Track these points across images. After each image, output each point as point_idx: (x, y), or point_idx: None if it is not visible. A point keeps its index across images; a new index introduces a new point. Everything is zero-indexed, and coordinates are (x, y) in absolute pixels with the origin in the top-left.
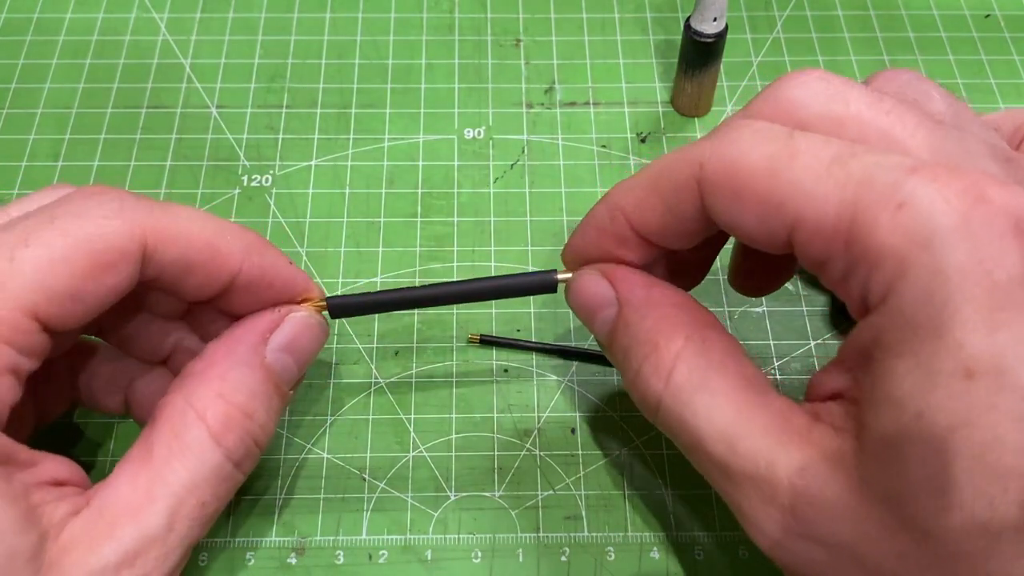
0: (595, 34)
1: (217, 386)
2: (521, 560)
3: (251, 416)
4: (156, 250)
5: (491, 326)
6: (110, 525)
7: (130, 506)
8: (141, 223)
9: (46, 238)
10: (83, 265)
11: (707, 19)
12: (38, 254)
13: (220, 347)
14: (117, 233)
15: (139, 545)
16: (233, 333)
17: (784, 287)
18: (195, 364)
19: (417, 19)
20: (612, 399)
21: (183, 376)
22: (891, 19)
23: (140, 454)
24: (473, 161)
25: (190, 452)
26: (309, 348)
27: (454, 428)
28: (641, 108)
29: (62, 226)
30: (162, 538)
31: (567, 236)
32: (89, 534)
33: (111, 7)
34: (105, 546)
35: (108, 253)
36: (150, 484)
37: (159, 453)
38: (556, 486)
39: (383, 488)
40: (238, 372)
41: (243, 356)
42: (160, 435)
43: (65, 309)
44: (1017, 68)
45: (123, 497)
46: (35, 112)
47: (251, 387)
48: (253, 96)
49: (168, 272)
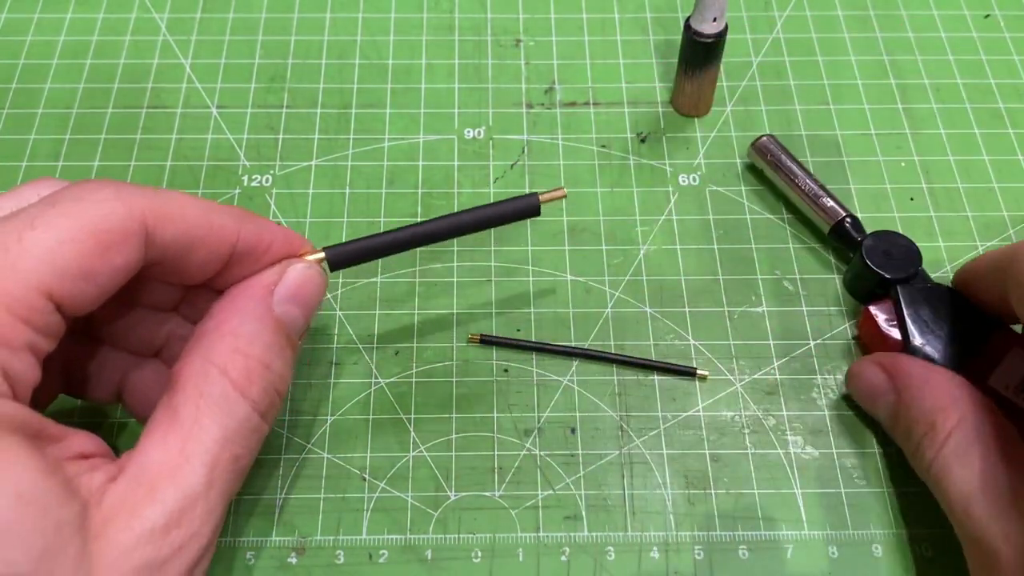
0: (595, 34)
1: (232, 342)
2: (521, 560)
3: (270, 367)
4: (156, 230)
5: (491, 326)
6: (150, 489)
7: (166, 468)
8: (139, 205)
9: (52, 221)
10: (90, 245)
11: (707, 19)
12: (46, 236)
13: (227, 305)
14: (118, 214)
15: (182, 504)
16: (238, 291)
17: (784, 287)
18: (205, 324)
19: (417, 19)
20: (612, 399)
21: (196, 338)
22: (891, 19)
23: (165, 418)
24: (473, 161)
25: (218, 408)
26: (313, 297)
27: (454, 428)
28: (641, 108)
29: (65, 210)
30: (203, 495)
31: (567, 236)
32: (130, 499)
33: (111, 7)
34: (149, 509)
35: (112, 233)
36: (183, 444)
37: (186, 413)
38: (556, 486)
39: (383, 488)
40: (250, 326)
41: (253, 310)
42: (184, 396)
43: (77, 289)
44: (1017, 68)
45: (157, 460)
46: (35, 112)
47: (265, 339)
48: (253, 96)
49: (171, 251)
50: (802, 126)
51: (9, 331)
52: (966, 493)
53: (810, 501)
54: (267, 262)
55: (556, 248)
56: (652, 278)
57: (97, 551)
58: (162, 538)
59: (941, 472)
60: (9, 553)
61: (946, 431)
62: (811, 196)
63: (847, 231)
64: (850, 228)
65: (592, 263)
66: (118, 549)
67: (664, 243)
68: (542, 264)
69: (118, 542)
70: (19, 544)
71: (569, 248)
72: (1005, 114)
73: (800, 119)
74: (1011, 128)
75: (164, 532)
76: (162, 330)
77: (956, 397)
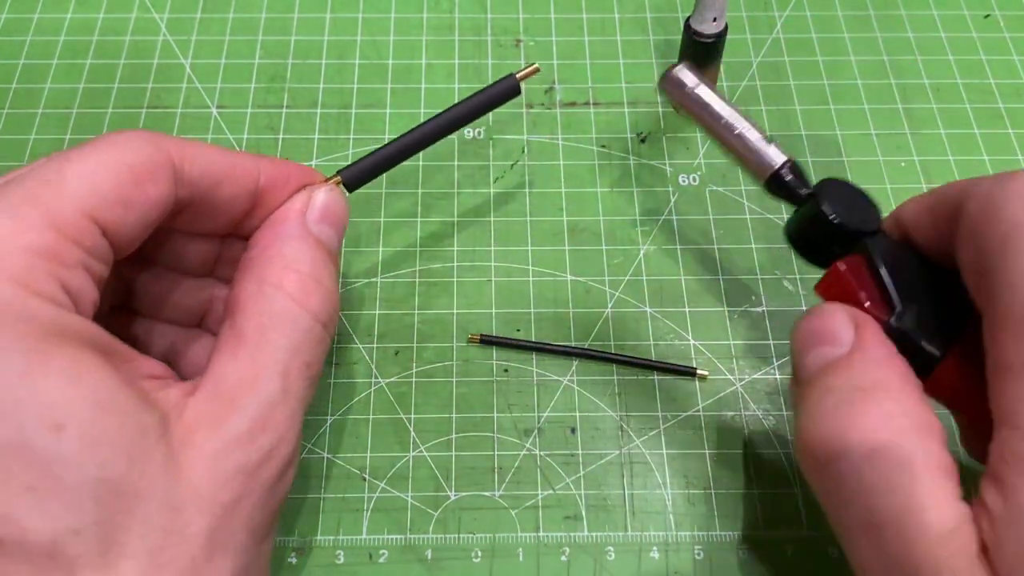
0: (595, 34)
1: (281, 261)
2: (521, 560)
3: (321, 281)
4: (184, 165)
5: (491, 326)
6: (229, 400)
7: (242, 381)
8: (165, 144)
9: (87, 156)
10: (126, 175)
11: (707, 19)
12: (83, 167)
13: (267, 233)
14: (147, 150)
15: (263, 411)
16: (274, 220)
17: (784, 287)
18: (249, 253)
19: (417, 19)
20: (612, 399)
21: (243, 267)
22: (891, 19)
23: (230, 340)
24: (473, 161)
25: (281, 321)
26: (341, 217)
27: (454, 428)
28: (641, 108)
29: (97, 147)
30: (281, 401)
31: (567, 236)
32: (211, 411)
33: (111, 7)
34: (232, 417)
35: (145, 166)
36: (253, 358)
37: (251, 331)
38: (556, 486)
39: (383, 488)
40: (294, 246)
41: (294, 233)
42: (246, 317)
43: (117, 215)
44: (1017, 68)
45: (231, 375)
46: (35, 112)
47: (311, 256)
48: (253, 96)
49: (200, 188)
50: (802, 126)
51: (63, 249)
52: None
53: (810, 501)
54: (289, 195)
55: (556, 248)
56: (652, 278)
57: (184, 459)
58: (249, 443)
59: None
60: (101, 455)
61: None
62: (744, 140)
63: (787, 182)
64: (792, 177)
65: (592, 263)
66: (208, 456)
67: (664, 243)
68: (542, 264)
69: (206, 449)
70: (108, 447)
71: (569, 248)
72: (1005, 114)
73: (800, 119)
74: (1011, 128)
75: (250, 438)
76: (202, 295)
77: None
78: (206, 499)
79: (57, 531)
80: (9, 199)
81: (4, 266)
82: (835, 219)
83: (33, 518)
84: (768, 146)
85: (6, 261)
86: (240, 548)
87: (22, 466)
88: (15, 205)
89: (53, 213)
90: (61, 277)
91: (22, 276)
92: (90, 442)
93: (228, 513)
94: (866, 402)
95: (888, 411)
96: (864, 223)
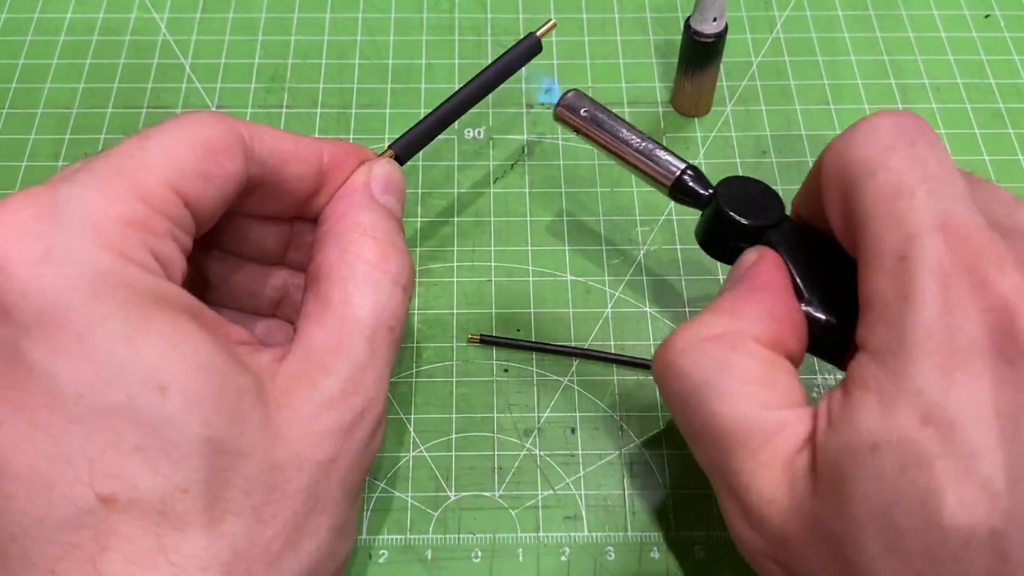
0: (595, 34)
1: (358, 229)
2: (521, 560)
3: (396, 245)
4: (253, 143)
5: (491, 326)
6: (320, 364)
7: (331, 345)
8: (234, 123)
9: (164, 133)
10: (202, 150)
11: (707, 19)
12: (163, 142)
13: (338, 205)
14: (219, 128)
15: (354, 373)
16: (343, 193)
17: None
18: (324, 226)
19: (417, 19)
20: (612, 399)
21: (321, 239)
22: (891, 19)
23: (317, 307)
24: (473, 161)
25: (364, 286)
26: (401, 187)
27: (454, 428)
28: (641, 108)
29: (171, 127)
30: (370, 364)
31: (567, 236)
32: (304, 374)
33: (111, 7)
34: (324, 380)
35: (220, 141)
36: (341, 324)
37: (336, 297)
38: (556, 486)
39: (383, 488)
40: (368, 215)
41: (365, 203)
42: (330, 284)
43: (198, 188)
44: (1017, 68)
45: (320, 340)
46: (35, 112)
47: (384, 224)
48: (253, 96)
49: (269, 166)
50: (802, 126)
51: (152, 219)
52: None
53: None
54: (350, 172)
55: (556, 248)
56: (652, 278)
57: (281, 420)
58: (342, 404)
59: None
60: (204, 414)
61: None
62: (644, 153)
63: (690, 186)
64: (693, 181)
65: (592, 263)
66: (303, 416)
67: (664, 243)
68: (542, 264)
69: (301, 411)
70: (210, 407)
71: (569, 248)
72: (1005, 114)
73: (800, 119)
74: (1011, 128)
75: (343, 399)
76: (275, 282)
77: (777, 298)
78: (304, 458)
79: (167, 488)
80: (98, 172)
81: (101, 236)
82: (736, 218)
83: (144, 476)
84: (668, 155)
85: (102, 231)
86: (336, 505)
87: (130, 427)
88: (105, 177)
89: (140, 185)
90: (152, 246)
91: (118, 245)
92: (193, 402)
93: (325, 471)
94: (702, 321)
95: (709, 330)
96: (765, 216)
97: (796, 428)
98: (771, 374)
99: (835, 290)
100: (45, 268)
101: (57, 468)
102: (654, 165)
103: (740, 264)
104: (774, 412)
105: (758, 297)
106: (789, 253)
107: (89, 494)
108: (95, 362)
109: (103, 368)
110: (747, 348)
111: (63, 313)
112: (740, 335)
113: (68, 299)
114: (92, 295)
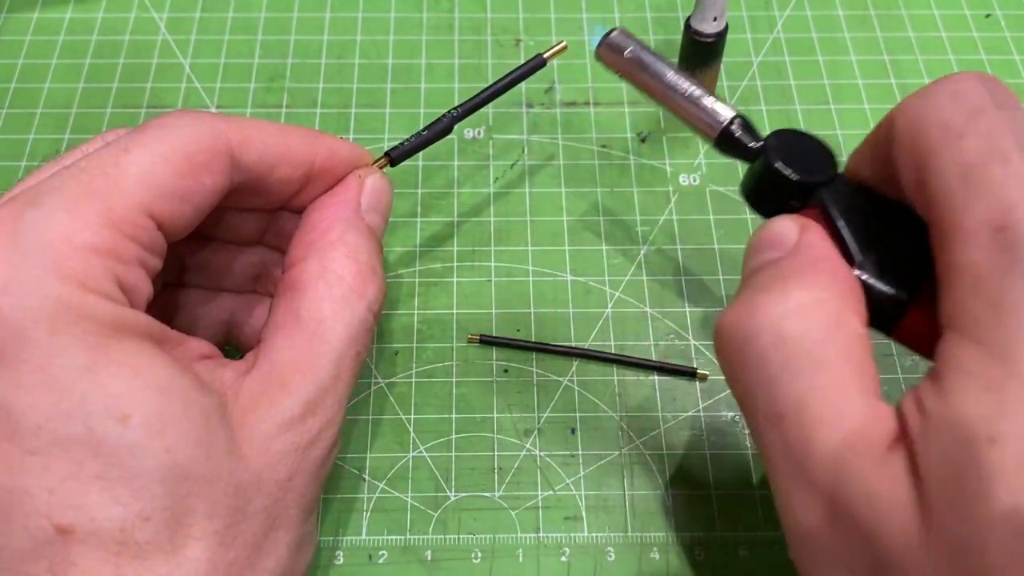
0: (595, 34)
1: (343, 249)
2: (521, 560)
3: (375, 270)
4: (240, 151)
5: (491, 326)
6: (283, 382)
7: (297, 364)
8: (222, 128)
9: (145, 145)
10: (183, 166)
11: (707, 19)
12: (141, 158)
13: (325, 215)
14: (205, 137)
15: (315, 395)
16: (330, 202)
17: None
18: (308, 235)
19: (417, 19)
20: (612, 399)
21: (303, 247)
22: (891, 19)
23: (288, 321)
24: (473, 161)
25: (340, 309)
26: (388, 205)
27: (454, 428)
28: (641, 108)
29: (155, 135)
30: (332, 387)
31: (567, 236)
32: (266, 392)
33: (111, 7)
34: (286, 399)
35: (202, 154)
36: (310, 343)
37: (309, 315)
38: (556, 486)
39: (383, 488)
40: (353, 235)
41: (352, 221)
42: (307, 300)
43: (174, 208)
44: (1017, 68)
45: (287, 357)
46: (35, 112)
47: (367, 247)
48: (253, 96)
49: (255, 172)
50: (802, 126)
51: (120, 246)
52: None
53: None
54: (341, 174)
55: (556, 248)
56: (652, 278)
57: (242, 439)
58: (301, 425)
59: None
60: (167, 440)
61: (804, 301)
62: (691, 99)
63: (737, 137)
64: (741, 131)
65: (592, 263)
66: (262, 436)
67: (664, 243)
68: (542, 264)
69: (261, 430)
70: (173, 432)
71: (569, 248)
72: None
73: (800, 119)
74: None
75: (302, 420)
76: (253, 260)
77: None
78: (264, 478)
79: (127, 517)
80: (67, 193)
81: (64, 267)
82: (786, 173)
83: (103, 506)
84: (715, 102)
85: (65, 262)
86: (293, 522)
87: (90, 457)
88: (74, 200)
89: (111, 210)
90: (117, 273)
91: (80, 276)
92: (156, 429)
93: (283, 490)
94: (780, 290)
95: (800, 300)
96: (817, 173)
97: (888, 422)
98: (865, 353)
99: (893, 256)
100: (4, 300)
101: (15, 499)
102: (700, 113)
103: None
104: (873, 399)
105: (823, 266)
106: (843, 214)
107: (47, 525)
108: (54, 393)
109: (63, 399)
110: (847, 322)
111: (22, 345)
112: (837, 306)
113: (27, 331)
114: (52, 327)
